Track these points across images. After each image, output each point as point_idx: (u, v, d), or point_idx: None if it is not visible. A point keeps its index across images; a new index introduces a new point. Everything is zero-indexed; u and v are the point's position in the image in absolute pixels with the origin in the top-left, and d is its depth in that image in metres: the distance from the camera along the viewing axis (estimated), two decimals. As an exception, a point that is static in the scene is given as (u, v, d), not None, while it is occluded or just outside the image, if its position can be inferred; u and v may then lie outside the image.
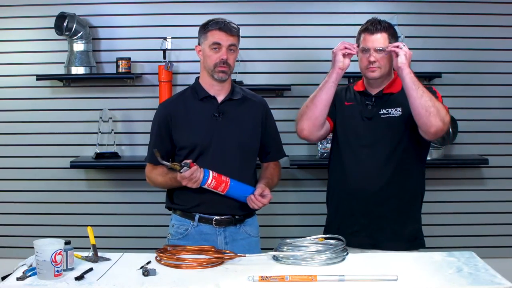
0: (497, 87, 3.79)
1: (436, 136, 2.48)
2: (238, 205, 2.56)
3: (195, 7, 3.75)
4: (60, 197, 3.81)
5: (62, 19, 3.60)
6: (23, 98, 3.78)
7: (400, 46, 2.46)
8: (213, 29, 2.51)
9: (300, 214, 3.80)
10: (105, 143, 3.76)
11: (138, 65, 3.78)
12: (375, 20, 2.56)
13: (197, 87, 2.60)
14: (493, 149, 3.79)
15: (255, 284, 1.97)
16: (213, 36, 2.50)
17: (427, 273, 2.08)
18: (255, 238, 2.65)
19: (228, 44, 2.50)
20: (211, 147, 2.53)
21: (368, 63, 2.53)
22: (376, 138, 2.56)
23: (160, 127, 2.59)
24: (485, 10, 3.74)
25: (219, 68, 2.51)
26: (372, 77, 2.57)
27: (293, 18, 3.76)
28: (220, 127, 2.55)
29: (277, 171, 2.74)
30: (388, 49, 2.49)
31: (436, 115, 2.39)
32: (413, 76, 2.42)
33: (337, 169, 2.67)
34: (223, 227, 2.57)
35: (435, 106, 2.40)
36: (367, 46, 2.53)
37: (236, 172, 2.53)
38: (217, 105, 2.57)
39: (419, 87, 2.41)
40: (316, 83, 3.75)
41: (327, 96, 2.54)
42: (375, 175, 2.54)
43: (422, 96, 2.40)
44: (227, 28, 2.50)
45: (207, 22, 2.56)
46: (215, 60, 2.51)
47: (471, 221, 3.82)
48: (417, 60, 3.74)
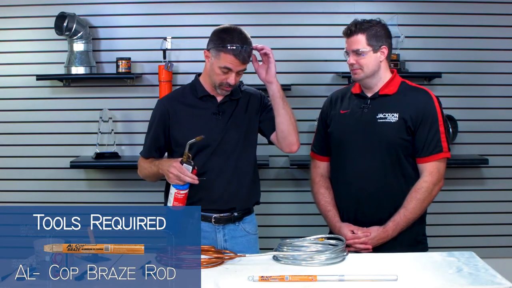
0: (497, 87, 3.79)
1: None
2: (237, 200, 2.56)
3: (195, 7, 3.75)
4: (60, 197, 3.81)
5: (62, 19, 3.60)
6: (23, 98, 3.78)
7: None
8: (228, 53, 2.42)
9: (300, 214, 3.80)
10: (105, 143, 3.76)
11: (138, 65, 3.78)
12: (353, 22, 2.54)
13: (197, 85, 2.59)
14: (493, 149, 3.79)
15: (255, 284, 1.97)
16: (225, 60, 2.42)
17: (427, 273, 2.08)
18: (253, 236, 2.65)
19: (238, 70, 2.46)
20: (211, 145, 2.53)
21: (350, 65, 2.54)
22: (373, 143, 2.53)
23: (158, 123, 2.58)
24: (485, 10, 3.74)
25: (224, 88, 2.49)
26: (355, 79, 2.57)
27: (293, 18, 3.76)
28: (220, 126, 2.54)
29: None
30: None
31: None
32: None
33: (334, 173, 2.67)
34: (222, 225, 2.57)
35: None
36: (346, 48, 2.55)
37: (235, 171, 2.54)
38: (216, 105, 2.57)
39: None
40: (316, 83, 3.81)
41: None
42: (372, 179, 2.53)
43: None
44: (242, 57, 2.42)
45: (223, 34, 2.44)
46: (221, 80, 2.47)
47: (471, 221, 3.82)
48: (417, 60, 3.76)
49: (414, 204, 2.49)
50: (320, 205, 2.69)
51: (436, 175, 2.52)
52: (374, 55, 2.52)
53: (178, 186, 2.40)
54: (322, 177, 2.71)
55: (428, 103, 2.53)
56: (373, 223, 2.53)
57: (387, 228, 2.50)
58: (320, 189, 2.69)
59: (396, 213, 2.50)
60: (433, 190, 2.51)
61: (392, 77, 2.59)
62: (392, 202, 2.53)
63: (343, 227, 2.57)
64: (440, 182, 2.54)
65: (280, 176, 3.82)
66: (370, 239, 2.50)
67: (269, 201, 3.77)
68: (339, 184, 2.64)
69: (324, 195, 2.67)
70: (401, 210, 2.50)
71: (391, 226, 2.50)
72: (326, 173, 2.71)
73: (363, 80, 2.56)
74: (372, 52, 2.51)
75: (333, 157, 2.68)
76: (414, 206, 2.49)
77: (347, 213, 2.60)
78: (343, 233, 2.53)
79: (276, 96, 2.53)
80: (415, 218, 2.51)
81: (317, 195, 2.70)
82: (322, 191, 2.68)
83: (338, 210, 2.63)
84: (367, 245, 2.50)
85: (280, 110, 2.53)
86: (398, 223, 2.49)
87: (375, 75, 2.55)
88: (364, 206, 2.55)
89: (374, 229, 2.52)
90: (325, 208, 2.66)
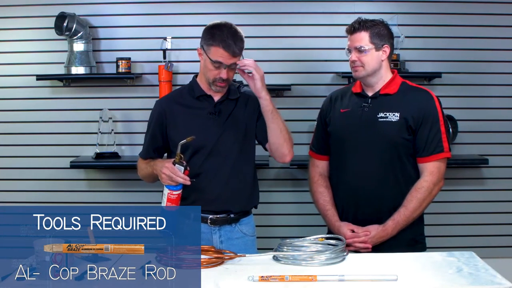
0: (497, 87, 3.79)
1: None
2: (233, 201, 2.55)
3: (195, 7, 3.75)
4: (60, 197, 3.81)
5: (62, 19, 3.60)
6: (23, 98, 3.78)
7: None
8: (217, 46, 2.42)
9: (299, 214, 3.80)
10: (105, 143, 3.77)
11: (138, 65, 3.78)
12: (357, 20, 2.55)
13: (194, 86, 2.58)
14: (493, 149, 3.79)
15: (255, 284, 1.97)
16: (216, 54, 2.43)
17: (427, 273, 2.08)
18: (251, 237, 2.64)
19: (230, 63, 2.45)
20: (207, 146, 2.51)
21: (352, 62, 2.54)
22: (374, 142, 2.53)
23: (156, 124, 2.58)
24: (485, 10, 3.74)
25: (218, 83, 2.48)
26: (356, 77, 2.57)
27: (293, 18, 3.76)
28: (217, 126, 2.53)
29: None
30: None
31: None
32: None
33: (334, 172, 2.67)
34: (218, 226, 2.56)
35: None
36: (348, 46, 2.55)
37: (233, 171, 2.53)
38: (213, 104, 2.56)
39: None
40: (316, 83, 3.81)
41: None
42: (372, 178, 2.53)
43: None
44: (232, 50, 2.41)
45: (213, 29, 2.45)
46: (214, 76, 2.47)
47: (471, 221, 3.82)
48: (417, 60, 3.76)
49: (414, 204, 2.49)
50: (318, 204, 2.69)
51: (437, 175, 2.52)
52: (376, 53, 2.52)
53: (170, 186, 2.40)
54: (321, 176, 2.71)
55: (429, 103, 2.54)
56: (373, 222, 2.53)
57: (386, 227, 2.50)
58: (319, 188, 2.69)
59: (396, 212, 2.50)
60: (433, 190, 2.52)
61: (393, 77, 2.59)
62: (392, 201, 2.53)
63: (342, 226, 2.57)
64: (441, 182, 2.55)
65: (280, 176, 3.82)
66: (369, 238, 2.51)
67: (269, 201, 3.77)
68: (338, 183, 2.64)
69: (323, 194, 2.67)
70: (401, 209, 2.50)
71: (391, 225, 2.50)
72: (325, 172, 2.71)
73: (363, 78, 2.56)
74: (374, 50, 2.52)
75: (332, 156, 2.68)
76: (414, 205, 2.49)
77: (346, 212, 2.60)
78: (342, 232, 2.53)
79: (265, 110, 2.50)
80: (414, 217, 2.51)
81: (315, 194, 2.70)
82: (321, 190, 2.68)
83: (337, 209, 2.63)
84: (366, 244, 2.50)
85: (270, 125, 2.51)
86: (397, 222, 2.49)
87: (376, 73, 2.55)
88: (364, 205, 2.55)
89: (373, 227, 2.52)
90: (324, 207, 2.66)
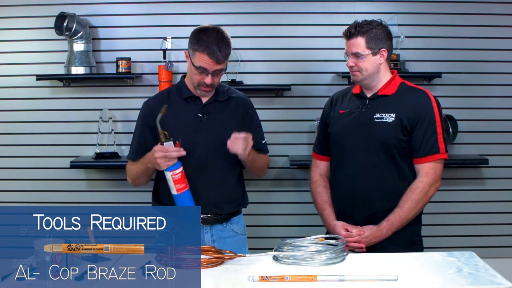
0: (497, 87, 3.79)
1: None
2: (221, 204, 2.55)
3: (195, 7, 3.75)
4: (60, 197, 3.81)
5: (62, 19, 3.60)
6: (23, 98, 3.78)
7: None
8: (202, 52, 2.39)
9: (300, 214, 3.80)
10: (105, 143, 3.77)
11: (138, 65, 3.78)
12: (353, 24, 2.53)
13: (182, 86, 2.56)
14: (493, 149, 3.80)
15: (255, 284, 1.97)
16: (200, 60, 2.40)
17: (427, 273, 2.08)
18: (242, 236, 2.65)
19: (214, 70, 2.42)
20: (195, 148, 2.49)
21: (349, 67, 2.54)
22: (370, 143, 2.53)
23: (144, 125, 2.55)
24: (485, 10, 3.74)
25: (202, 88, 2.47)
26: (354, 81, 2.57)
27: (293, 18, 3.76)
28: (204, 128, 2.51)
29: (264, 157, 2.69)
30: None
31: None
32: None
33: (332, 173, 2.67)
34: (209, 225, 2.56)
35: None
36: (345, 50, 2.54)
37: (220, 173, 2.53)
38: (201, 106, 2.54)
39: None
40: (316, 83, 3.81)
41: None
42: (368, 179, 2.53)
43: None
44: (216, 56, 2.39)
45: (200, 34, 2.42)
46: (198, 80, 2.45)
47: (471, 221, 3.82)
48: (417, 60, 3.76)
49: (409, 204, 2.49)
50: (317, 204, 2.70)
51: (432, 176, 2.52)
52: (373, 58, 2.51)
53: (170, 168, 2.38)
54: (321, 176, 2.71)
55: (425, 103, 2.53)
56: (369, 223, 2.53)
57: (381, 227, 2.50)
58: (318, 188, 2.70)
59: (391, 213, 2.50)
60: (428, 190, 2.51)
61: (391, 78, 2.58)
62: (388, 202, 2.52)
63: (337, 225, 2.58)
64: (437, 183, 2.54)
65: (280, 176, 3.82)
66: (363, 238, 2.51)
67: (269, 201, 3.77)
68: (336, 183, 2.64)
69: (321, 194, 2.68)
70: (396, 210, 2.50)
71: (386, 226, 2.50)
72: (326, 172, 2.72)
73: (362, 81, 2.56)
74: (371, 55, 2.51)
75: (332, 156, 2.69)
76: (409, 206, 2.49)
77: (343, 213, 2.60)
78: (337, 231, 2.54)
79: (245, 162, 2.56)
80: (410, 218, 2.51)
81: (314, 194, 2.71)
82: (319, 190, 2.69)
83: (335, 209, 2.64)
84: (360, 244, 2.51)
85: (249, 168, 2.62)
86: (392, 222, 2.49)
87: (374, 76, 2.55)
88: (360, 206, 2.55)
89: (368, 228, 2.52)
90: (321, 207, 2.66)
